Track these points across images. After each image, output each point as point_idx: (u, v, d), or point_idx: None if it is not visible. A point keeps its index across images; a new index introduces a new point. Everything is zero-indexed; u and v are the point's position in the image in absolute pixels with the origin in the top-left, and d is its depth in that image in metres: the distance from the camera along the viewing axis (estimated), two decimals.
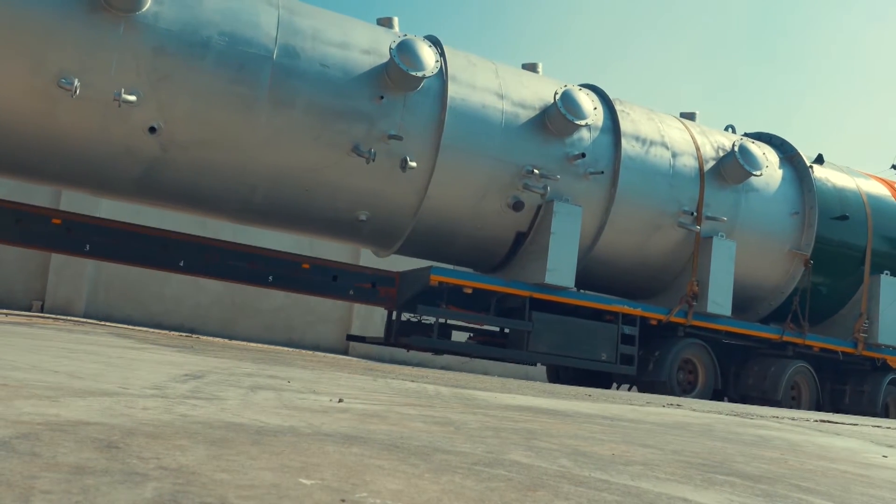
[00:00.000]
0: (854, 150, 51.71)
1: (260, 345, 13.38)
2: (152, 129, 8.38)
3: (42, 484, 1.21)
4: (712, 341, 11.35)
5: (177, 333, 12.14)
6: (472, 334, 11.13)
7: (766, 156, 11.86)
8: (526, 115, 10.14)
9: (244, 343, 12.48)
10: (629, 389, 11.80)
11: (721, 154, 11.44)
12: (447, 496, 1.50)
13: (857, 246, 12.42)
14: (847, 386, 12.60)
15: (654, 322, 10.95)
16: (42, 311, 16.19)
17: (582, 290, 11.04)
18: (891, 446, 4.43)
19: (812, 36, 52.00)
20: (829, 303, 12.61)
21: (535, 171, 9.85)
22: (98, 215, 11.37)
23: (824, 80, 51.80)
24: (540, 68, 11.13)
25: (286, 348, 13.24)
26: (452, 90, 9.68)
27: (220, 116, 8.68)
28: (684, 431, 3.76)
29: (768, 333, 11.87)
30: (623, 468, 2.19)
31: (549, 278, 9.90)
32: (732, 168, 11.26)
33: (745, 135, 12.84)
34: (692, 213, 10.93)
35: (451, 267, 10.56)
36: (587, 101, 10.31)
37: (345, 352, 18.32)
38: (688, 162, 11.20)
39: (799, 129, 51.72)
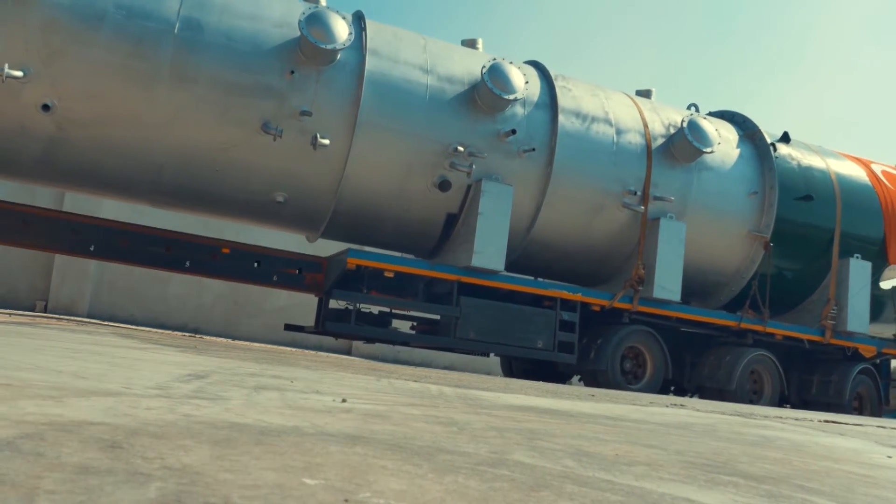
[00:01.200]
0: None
1: (263, 345, 13.39)
2: (45, 107, 8.07)
3: (46, 484, 1.22)
4: (663, 329, 10.71)
5: (180, 333, 12.16)
6: (415, 323, 10.59)
7: (720, 132, 11.18)
8: (454, 90, 9.61)
9: (247, 343, 12.49)
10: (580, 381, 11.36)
11: (673, 132, 10.77)
12: (450, 496, 1.50)
13: (825, 228, 11.67)
14: (814, 376, 11.90)
15: (596, 308, 10.36)
16: (45, 311, 16.24)
17: (521, 277, 10.45)
18: (895, 447, 4.42)
19: (810, 34, 51.82)
20: (796, 289, 11.96)
21: (461, 148, 9.34)
22: (101, 215, 11.36)
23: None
24: (480, 44, 10.58)
25: (289, 348, 13.25)
26: (371, 64, 9.21)
27: (119, 93, 8.32)
28: (688, 431, 3.76)
29: (724, 320, 11.18)
30: (627, 468, 2.19)
31: (477, 261, 9.37)
32: (682, 146, 10.58)
33: (710, 114, 12.20)
34: (637, 193, 10.33)
35: (373, 250, 10.10)
36: (517, 76, 9.71)
37: (348, 352, 18.33)
38: (634, 139, 10.56)
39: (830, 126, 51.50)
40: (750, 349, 11.00)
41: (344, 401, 3.18)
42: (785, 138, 12.04)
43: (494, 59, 9.78)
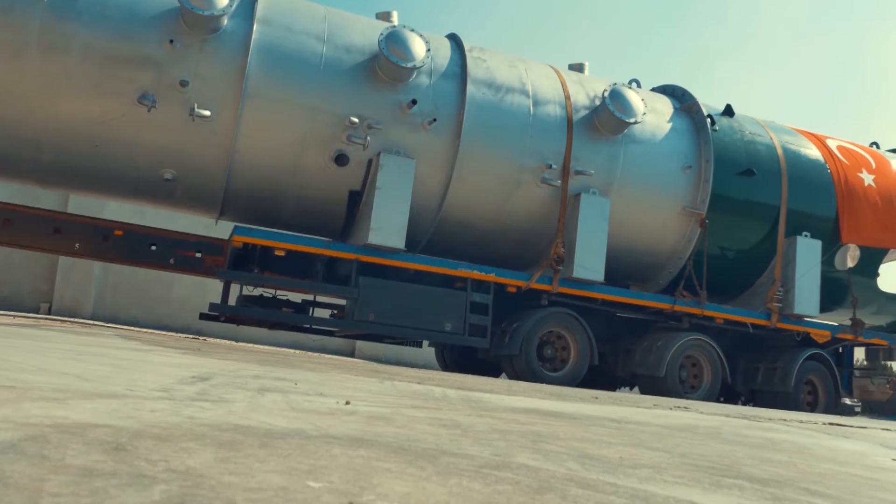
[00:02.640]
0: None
1: (266, 347, 13.40)
2: None
3: (51, 486, 1.22)
4: (594, 313, 10.07)
5: (183, 335, 12.18)
6: (335, 311, 10.14)
7: (653, 104, 10.56)
8: (352, 60, 9.11)
9: (251, 345, 12.50)
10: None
11: (598, 104, 10.10)
12: (454, 499, 1.50)
13: (771, 205, 10.91)
14: (761, 364, 11.09)
15: (512, 289, 9.69)
16: (49, 314, 16.31)
17: (429, 257, 9.80)
18: None
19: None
20: (742, 270, 11.18)
21: (355, 120, 8.81)
22: (106, 217, 11.34)
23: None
24: (395, 17, 10.02)
25: (293, 350, 13.26)
26: (261, 33, 8.79)
27: None
28: (692, 434, 3.75)
29: (655, 302, 10.42)
30: (631, 471, 2.18)
31: (374, 238, 8.79)
32: (606, 117, 9.91)
33: (652, 89, 11.62)
34: (553, 167, 9.69)
35: (269, 229, 9.48)
36: (419, 44, 9.16)
37: (351, 354, 18.33)
38: (553, 111, 9.91)
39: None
40: (683, 333, 10.28)
41: (347, 403, 3.18)
42: (728, 112, 11.33)
43: (395, 26, 9.27)
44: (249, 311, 9.51)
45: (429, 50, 9.22)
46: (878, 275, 11.94)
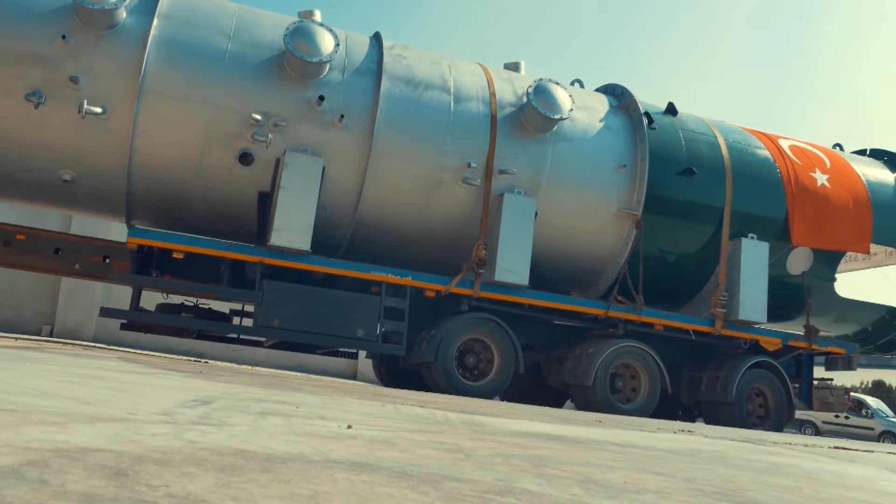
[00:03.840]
0: None
1: (268, 369, 13.35)
2: None
3: None
4: (524, 319, 9.56)
5: (185, 358, 12.14)
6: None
7: (581, 100, 10.08)
8: (260, 56, 8.80)
9: (252, 368, 12.46)
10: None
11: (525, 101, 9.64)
12: None
13: (715, 207, 10.35)
14: (705, 372, 10.41)
15: (430, 294, 9.20)
16: (52, 336, 16.29)
17: (340, 260, 9.34)
18: None
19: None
20: (685, 275, 10.56)
21: (258, 117, 8.49)
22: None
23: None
24: (318, 16, 9.63)
25: (294, 373, 13.21)
26: (161, 28, 8.50)
27: None
28: (696, 458, 3.72)
29: (586, 307, 9.86)
30: (635, 496, 2.16)
31: (277, 239, 8.41)
32: (531, 114, 9.45)
33: (596, 89, 11.12)
34: (472, 166, 9.24)
35: (158, 230, 9.03)
36: (326, 38, 8.81)
37: (353, 376, 18.26)
38: (476, 108, 9.49)
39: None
40: (616, 340, 9.69)
41: (349, 427, 3.15)
42: (671, 110, 10.79)
43: (302, 20, 8.93)
44: (145, 315, 9.10)
45: (337, 45, 8.86)
46: (834, 279, 11.29)
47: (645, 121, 10.17)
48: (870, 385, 35.18)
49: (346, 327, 8.74)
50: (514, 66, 10.68)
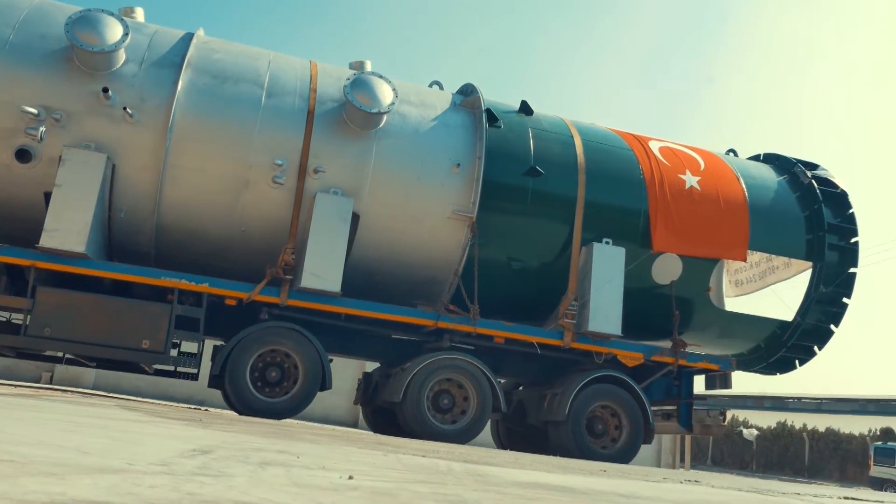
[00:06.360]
0: None
1: (267, 419, 13.15)
2: None
3: None
4: (360, 334, 8.93)
5: (185, 405, 12.04)
6: None
7: (418, 96, 9.49)
8: (46, 47, 8.25)
9: (252, 416, 12.30)
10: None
11: None
12: None
13: (568, 210, 9.53)
14: (550, 390, 9.47)
15: (231, 302, 8.48)
16: (51, 383, 16.13)
17: (127, 266, 8.59)
18: None
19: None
20: (536, 285, 9.68)
21: (33, 110, 7.93)
22: None
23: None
24: (140, 15, 9.23)
25: (295, 421, 13.04)
26: None
27: None
28: None
29: (410, 317, 8.99)
30: None
31: (47, 241, 7.74)
32: (350, 109, 8.81)
33: (456, 92, 10.37)
34: (282, 164, 8.62)
35: None
36: (113, 28, 8.27)
37: (354, 424, 18.06)
38: (291, 103, 8.89)
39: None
40: (436, 353, 8.85)
41: (351, 477, 3.11)
42: (525, 109, 10.07)
43: (89, 10, 8.39)
44: None
45: (126, 34, 8.30)
46: (709, 288, 10.32)
47: (485, 116, 9.49)
48: (878, 432, 34.30)
49: (129, 338, 8.00)
50: (358, 66, 9.97)
